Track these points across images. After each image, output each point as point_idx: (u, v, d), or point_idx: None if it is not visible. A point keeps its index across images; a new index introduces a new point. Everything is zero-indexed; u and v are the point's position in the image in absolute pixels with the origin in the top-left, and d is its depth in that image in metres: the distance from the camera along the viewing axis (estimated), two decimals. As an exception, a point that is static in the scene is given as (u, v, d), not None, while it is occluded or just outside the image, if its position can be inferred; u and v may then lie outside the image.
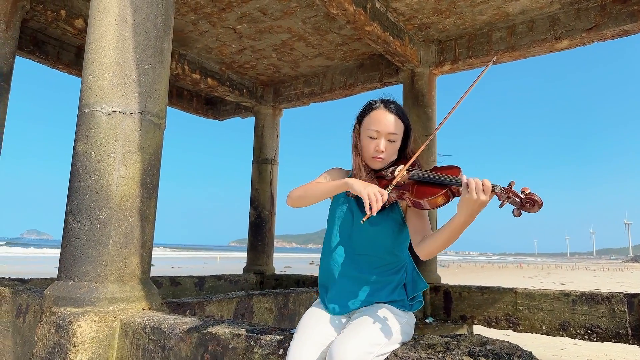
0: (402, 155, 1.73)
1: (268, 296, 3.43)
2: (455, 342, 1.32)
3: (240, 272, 7.70)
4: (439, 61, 6.30)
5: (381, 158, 1.64)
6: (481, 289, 5.53)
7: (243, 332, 1.77)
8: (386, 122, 1.62)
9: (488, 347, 1.25)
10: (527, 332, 5.11)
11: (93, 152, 2.44)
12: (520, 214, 1.21)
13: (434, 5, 5.35)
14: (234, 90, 7.51)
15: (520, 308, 5.20)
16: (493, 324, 5.37)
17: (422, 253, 1.50)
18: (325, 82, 7.41)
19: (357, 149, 1.70)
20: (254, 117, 8.14)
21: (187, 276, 6.81)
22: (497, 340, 1.31)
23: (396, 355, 1.37)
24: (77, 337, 2.06)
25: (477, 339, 1.33)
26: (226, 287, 6.93)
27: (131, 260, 2.46)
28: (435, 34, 6.08)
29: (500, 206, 1.25)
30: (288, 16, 5.68)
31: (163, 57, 2.70)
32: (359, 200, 1.65)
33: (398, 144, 1.68)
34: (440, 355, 1.27)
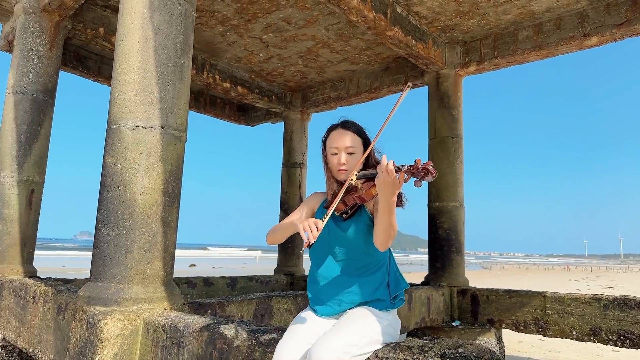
0: (367, 165, 1.84)
1: (287, 297, 3.58)
2: (430, 345, 1.40)
3: (272, 272, 7.91)
4: (464, 62, 6.26)
5: (344, 170, 1.81)
6: (509, 292, 5.45)
7: (247, 331, 1.92)
8: (343, 138, 1.83)
9: (460, 350, 1.32)
10: (556, 337, 5.00)
11: (119, 165, 2.67)
12: (420, 185, 1.39)
13: (455, 7, 5.34)
14: (263, 96, 7.74)
15: (550, 312, 5.10)
16: (521, 328, 5.28)
17: (376, 244, 1.63)
18: (352, 86, 7.50)
19: (326, 165, 1.90)
20: (283, 122, 8.34)
21: (220, 277, 7.07)
22: (472, 343, 1.38)
23: (377, 356, 1.46)
24: (104, 334, 2.27)
25: (453, 343, 1.40)
26: (257, 288, 7.15)
27: (154, 263, 2.66)
28: (460, 35, 6.05)
29: (405, 180, 1.43)
30: (311, 24, 5.83)
31: (183, 74, 2.90)
32: (333, 214, 1.83)
33: (358, 156, 1.83)
34: (415, 356, 1.35)
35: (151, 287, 2.62)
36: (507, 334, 6.37)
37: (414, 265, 47.11)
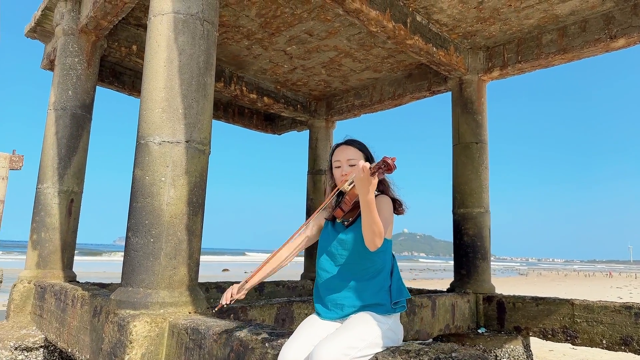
0: None
1: (308, 302, 3.69)
2: (426, 349, 1.48)
3: (299, 278, 8.04)
4: (487, 67, 6.24)
5: (346, 180, 1.89)
6: (536, 300, 5.37)
7: (261, 335, 2.04)
8: (345, 152, 1.99)
9: (454, 354, 1.39)
10: (585, 346, 4.89)
11: (147, 177, 2.86)
12: (382, 176, 1.64)
13: (476, 14, 5.35)
14: (289, 106, 7.92)
15: (578, 320, 4.99)
16: (549, 336, 5.19)
17: (366, 244, 1.71)
18: (375, 94, 7.58)
19: (332, 178, 2.04)
20: (308, 130, 8.50)
21: (248, 282, 7.26)
22: (465, 348, 1.45)
23: (377, 359, 1.55)
24: (132, 335, 2.45)
25: (449, 348, 1.47)
26: (284, 293, 7.30)
27: (179, 269, 2.84)
28: (482, 41, 6.03)
29: (377, 175, 1.61)
30: (333, 35, 5.96)
31: (206, 91, 3.08)
32: (334, 221, 1.99)
33: None
34: (412, 359, 1.43)
35: (177, 291, 2.79)
36: (538, 342, 6.24)
37: (447, 272, 46.26)
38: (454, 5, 5.18)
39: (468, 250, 6.00)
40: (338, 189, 1.88)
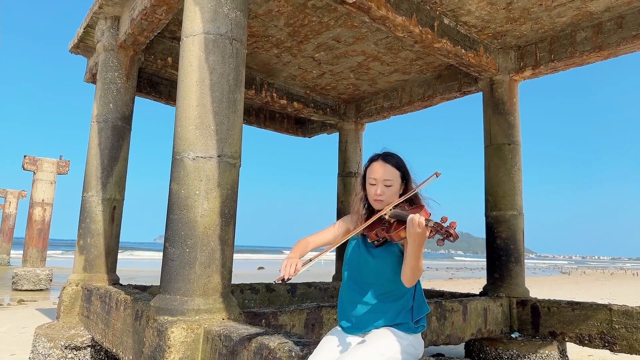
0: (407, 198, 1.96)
1: (336, 308, 3.78)
2: (441, 364, 1.54)
3: (331, 279, 8.15)
4: (519, 67, 6.13)
5: (380, 200, 1.94)
6: (572, 304, 5.26)
7: (289, 344, 2.15)
8: (382, 171, 1.95)
9: (468, 370, 1.45)
10: (624, 353, 4.76)
11: (182, 191, 3.04)
12: (442, 244, 1.53)
13: (505, 14, 5.28)
14: (318, 110, 8.03)
15: (617, 327, 4.86)
16: (586, 341, 5.08)
17: (404, 281, 1.78)
18: (404, 96, 7.57)
19: (363, 190, 2.04)
20: (338, 133, 8.58)
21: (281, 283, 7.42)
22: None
23: (395, 372, 1.63)
24: (170, 341, 2.62)
25: (463, 363, 1.53)
26: (316, 294, 7.42)
27: (213, 277, 2.99)
28: (513, 41, 5.93)
29: (429, 237, 1.57)
30: (360, 41, 6.01)
31: (236, 107, 3.23)
32: (364, 237, 1.98)
33: (395, 188, 1.95)
34: (427, 374, 1.50)
35: (211, 299, 2.95)
36: (576, 347, 6.09)
37: (484, 271, 45.23)
38: (482, 7, 5.14)
39: (501, 254, 5.93)
40: (379, 215, 1.85)
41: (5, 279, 17.44)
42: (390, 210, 1.84)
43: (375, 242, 1.93)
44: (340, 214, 8.14)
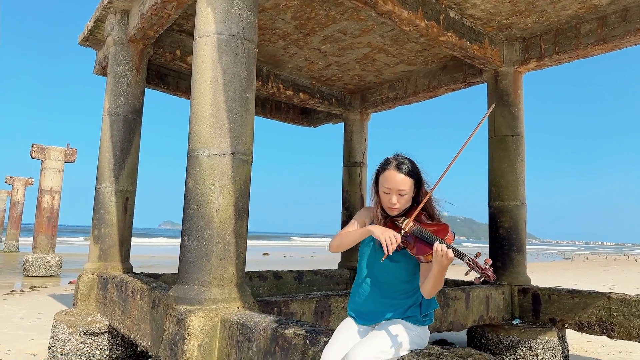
0: (415, 201, 2.08)
1: (344, 297, 3.95)
2: (446, 353, 1.69)
3: (336, 267, 8.34)
4: (523, 59, 6.19)
5: (396, 208, 2.04)
6: (571, 292, 5.42)
7: (303, 332, 2.31)
8: (396, 180, 2.00)
9: (469, 359, 1.60)
10: (622, 339, 4.92)
11: (198, 187, 3.18)
12: (480, 281, 1.59)
13: (511, 7, 5.33)
14: (324, 100, 8.12)
15: (615, 314, 5.01)
16: (585, 328, 5.24)
17: (423, 293, 1.91)
18: (409, 86, 7.64)
19: (377, 195, 2.11)
20: (343, 123, 8.68)
21: (288, 270, 7.60)
22: (480, 353, 1.65)
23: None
24: (190, 329, 2.79)
25: (466, 352, 1.68)
26: (322, 281, 7.61)
27: (229, 269, 3.15)
28: (518, 33, 5.98)
29: (466, 274, 1.63)
30: (366, 33, 6.08)
31: (248, 106, 3.35)
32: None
33: (409, 196, 2.04)
34: (433, 362, 1.65)
35: (226, 288, 3.11)
36: (576, 333, 6.27)
37: (487, 256, 45.40)
38: (487, 0, 5.18)
39: (504, 243, 6.07)
40: (403, 232, 1.90)
41: (15, 265, 17.79)
42: (411, 226, 1.90)
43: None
44: (346, 203, 8.29)
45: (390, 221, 2.05)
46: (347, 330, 2.00)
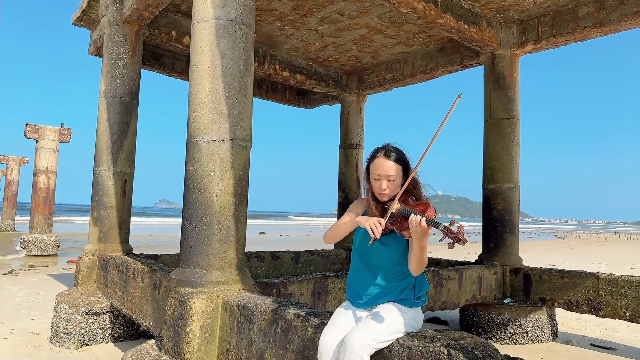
0: (408, 187, 2.16)
1: (341, 278, 4.06)
2: (439, 336, 1.78)
3: (332, 247, 8.46)
4: (520, 41, 6.18)
5: (386, 194, 2.15)
6: (561, 273, 5.56)
7: (302, 313, 2.40)
8: (385, 167, 2.14)
9: (461, 342, 1.69)
10: (609, 317, 5.10)
11: (198, 172, 3.23)
12: (453, 247, 1.70)
13: (509, -10, 5.30)
14: (321, 82, 8.10)
15: (603, 294, 5.17)
16: (573, 307, 5.41)
17: (410, 270, 2.04)
18: (406, 68, 7.63)
19: (368, 183, 2.25)
20: (340, 105, 8.68)
21: (285, 251, 7.71)
22: (472, 337, 1.74)
23: (398, 342, 1.88)
24: (192, 310, 2.88)
25: (459, 335, 1.77)
26: (318, 261, 7.75)
27: (229, 252, 3.23)
28: (516, 15, 5.96)
29: (440, 240, 1.75)
30: (364, 14, 6.04)
31: (246, 92, 3.36)
32: None
33: (398, 182, 2.17)
34: (427, 344, 1.74)
35: (227, 271, 3.19)
36: (565, 312, 6.46)
37: (481, 235, 46.03)
38: (486, -18, 5.16)
39: (497, 225, 6.19)
40: (390, 213, 2.01)
41: (11, 245, 17.87)
42: (397, 206, 2.03)
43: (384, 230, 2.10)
44: (342, 184, 8.36)
45: (381, 207, 2.18)
46: (344, 314, 2.11)
